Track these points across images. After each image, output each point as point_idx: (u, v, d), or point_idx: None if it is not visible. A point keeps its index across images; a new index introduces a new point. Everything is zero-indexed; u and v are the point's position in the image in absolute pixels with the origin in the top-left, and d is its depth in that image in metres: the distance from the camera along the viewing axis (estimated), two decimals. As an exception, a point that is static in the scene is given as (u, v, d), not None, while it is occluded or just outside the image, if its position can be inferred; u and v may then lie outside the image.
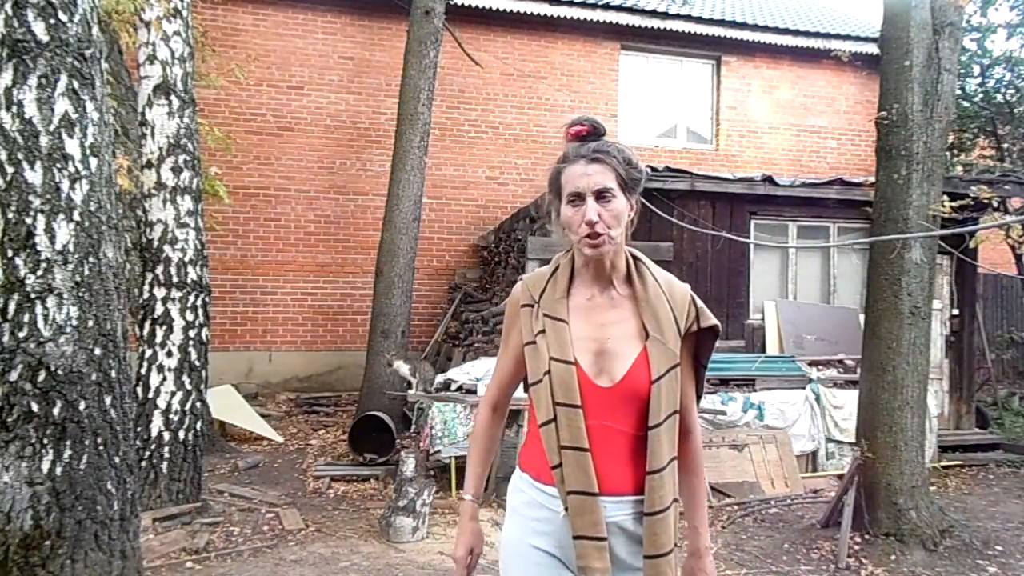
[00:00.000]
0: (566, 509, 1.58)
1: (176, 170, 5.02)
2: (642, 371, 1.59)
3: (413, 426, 6.62)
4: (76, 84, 2.72)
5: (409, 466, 4.87)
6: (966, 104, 10.12)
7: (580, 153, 1.61)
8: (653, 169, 6.69)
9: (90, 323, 2.71)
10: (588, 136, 1.64)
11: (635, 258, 1.70)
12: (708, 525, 1.69)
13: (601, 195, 1.57)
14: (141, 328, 4.98)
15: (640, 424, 1.60)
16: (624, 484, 1.60)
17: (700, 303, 1.67)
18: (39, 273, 2.61)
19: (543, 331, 1.63)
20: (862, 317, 5.37)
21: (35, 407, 2.57)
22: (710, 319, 1.66)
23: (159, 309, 4.93)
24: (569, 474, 1.57)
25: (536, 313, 1.66)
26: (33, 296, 2.60)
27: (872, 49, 8.98)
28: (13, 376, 2.55)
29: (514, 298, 1.75)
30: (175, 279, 4.98)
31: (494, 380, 1.84)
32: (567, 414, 1.58)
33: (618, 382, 1.60)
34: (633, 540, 1.60)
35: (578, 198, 1.59)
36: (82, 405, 2.66)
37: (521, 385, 1.79)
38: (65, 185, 2.68)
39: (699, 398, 1.75)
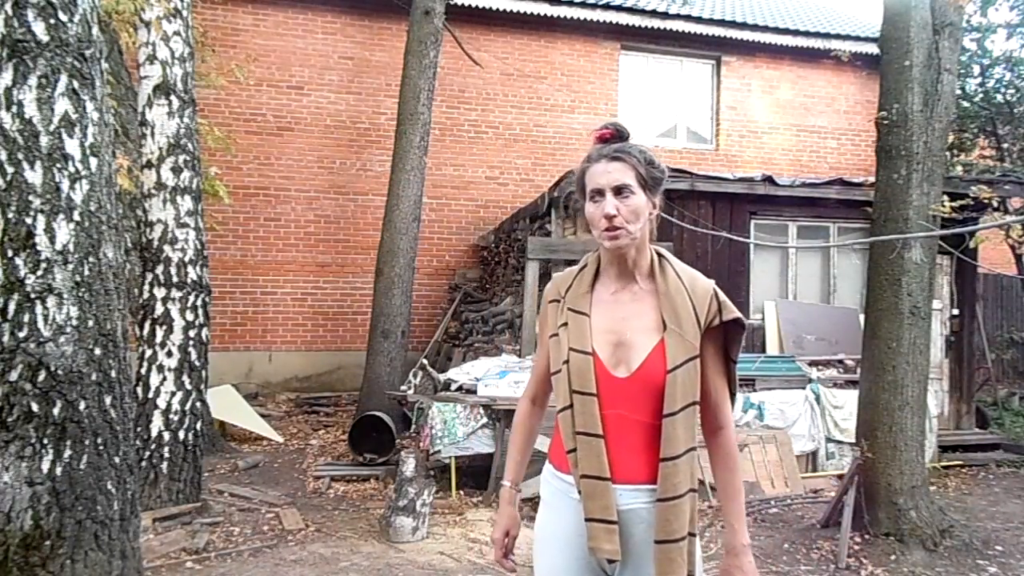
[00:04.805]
0: (580, 492, 1.64)
1: (176, 170, 5.03)
2: (658, 361, 1.63)
3: (413, 426, 6.62)
4: (76, 84, 2.72)
5: (409, 466, 4.86)
6: (966, 104, 10.11)
7: (602, 153, 1.70)
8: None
9: (90, 323, 2.71)
10: (611, 139, 1.73)
11: (660, 255, 1.76)
12: (745, 521, 1.71)
13: (620, 191, 1.65)
14: (141, 328, 4.98)
15: (657, 414, 1.63)
16: (639, 473, 1.64)
17: (723, 297, 1.70)
18: (39, 273, 2.61)
19: (565, 324, 1.72)
20: (862, 317, 5.36)
21: (35, 407, 2.57)
22: (732, 312, 1.69)
23: (159, 309, 4.93)
24: (582, 459, 1.63)
25: (561, 308, 1.76)
26: (33, 296, 2.59)
27: (872, 49, 8.97)
28: (13, 376, 2.55)
29: (545, 295, 1.85)
30: (175, 279, 4.98)
31: (532, 374, 1.95)
32: (582, 402, 1.65)
33: (634, 372, 1.65)
34: (653, 528, 1.63)
35: (599, 194, 1.67)
36: (82, 405, 2.66)
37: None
38: (65, 185, 2.68)
39: (733, 395, 1.76)
